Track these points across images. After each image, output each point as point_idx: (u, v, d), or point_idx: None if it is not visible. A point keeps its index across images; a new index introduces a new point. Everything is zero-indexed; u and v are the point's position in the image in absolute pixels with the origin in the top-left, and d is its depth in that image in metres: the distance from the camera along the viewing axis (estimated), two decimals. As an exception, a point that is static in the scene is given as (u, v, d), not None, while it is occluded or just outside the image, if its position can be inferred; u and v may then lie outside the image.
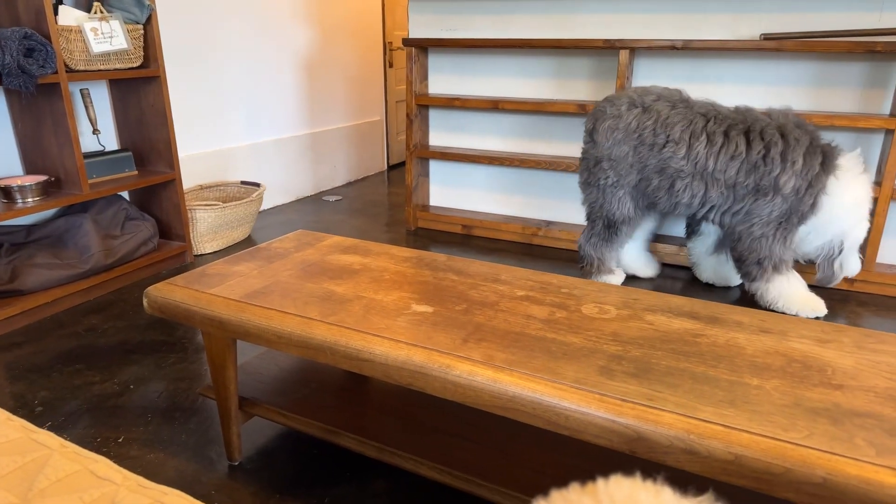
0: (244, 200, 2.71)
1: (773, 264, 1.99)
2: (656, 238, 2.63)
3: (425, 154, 2.92)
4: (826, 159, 1.88)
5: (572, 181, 2.81)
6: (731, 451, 0.76)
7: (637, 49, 2.41)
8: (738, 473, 0.76)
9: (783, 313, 1.60)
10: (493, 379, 0.91)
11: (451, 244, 2.79)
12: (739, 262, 2.06)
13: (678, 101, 2.01)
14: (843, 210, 1.91)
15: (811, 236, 2.00)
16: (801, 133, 1.89)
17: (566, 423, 0.86)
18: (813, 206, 1.90)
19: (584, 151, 2.17)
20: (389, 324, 1.05)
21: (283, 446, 1.38)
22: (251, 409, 1.29)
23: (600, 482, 0.41)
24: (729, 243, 2.09)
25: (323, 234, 1.56)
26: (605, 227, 2.17)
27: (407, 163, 2.94)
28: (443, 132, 3.04)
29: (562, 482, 1.03)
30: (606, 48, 2.40)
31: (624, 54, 2.37)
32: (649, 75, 2.54)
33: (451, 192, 3.11)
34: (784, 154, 1.87)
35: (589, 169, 2.15)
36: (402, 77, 4.50)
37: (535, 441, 1.17)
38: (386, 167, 4.50)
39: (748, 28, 2.35)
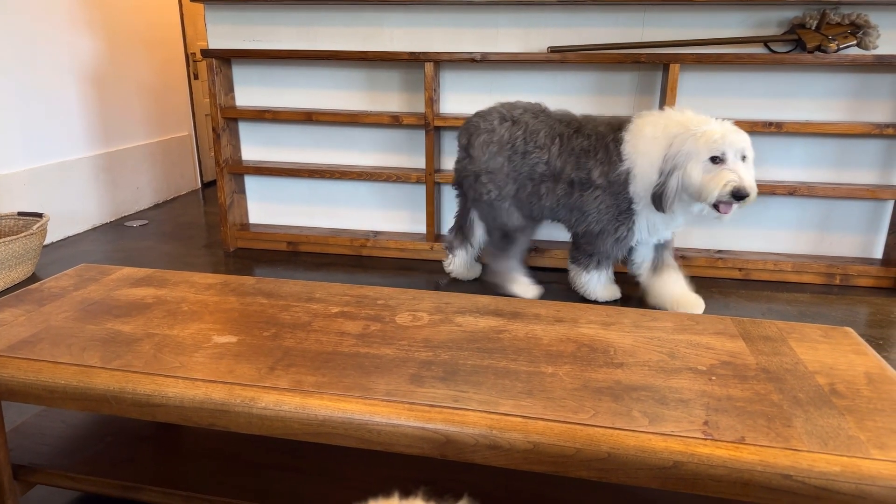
0: (22, 235, 2.35)
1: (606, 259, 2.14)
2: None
3: (238, 169, 2.77)
4: (621, 125, 2.01)
5: (396, 191, 2.84)
6: (530, 440, 0.81)
7: (441, 62, 2.51)
8: (538, 461, 0.81)
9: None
10: (300, 405, 0.87)
11: (275, 263, 2.68)
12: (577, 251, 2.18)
13: (540, 112, 2.13)
14: (645, 143, 1.92)
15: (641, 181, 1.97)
16: (608, 128, 2.03)
17: (378, 438, 0.85)
18: (619, 161, 1.96)
19: (460, 167, 2.21)
20: (185, 361, 0.97)
21: (80, 513, 1.21)
22: (30, 476, 1.11)
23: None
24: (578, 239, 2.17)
25: (111, 266, 1.40)
26: (502, 237, 2.21)
27: (218, 180, 2.76)
28: (256, 146, 2.90)
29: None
30: (412, 60, 2.47)
31: (429, 67, 2.46)
32: (455, 87, 2.65)
33: (272, 208, 2.98)
34: (594, 149, 2.02)
35: (470, 185, 2.18)
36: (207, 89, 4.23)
37: (365, 458, 1.15)
38: (200, 185, 4.20)
39: (537, 42, 2.56)
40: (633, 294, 2.36)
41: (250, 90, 2.83)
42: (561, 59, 2.37)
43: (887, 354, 1.92)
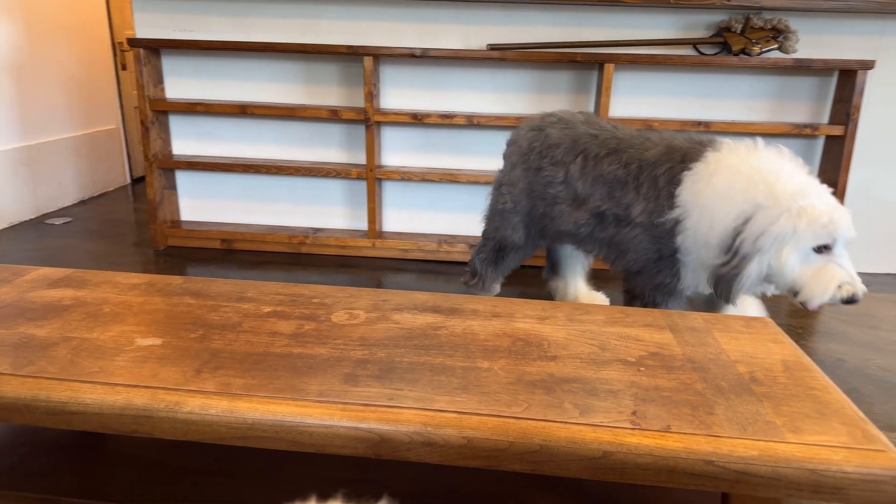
0: (-73, 233, 2.18)
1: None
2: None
3: (169, 164, 2.66)
4: (683, 156, 1.56)
5: (336, 186, 2.80)
6: (464, 436, 0.81)
7: (381, 56, 2.48)
8: (472, 455, 0.81)
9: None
10: (228, 409, 0.84)
11: (209, 262, 2.59)
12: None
13: (578, 122, 1.81)
14: (711, 196, 1.47)
15: (693, 241, 1.54)
16: (662, 156, 1.59)
17: (310, 440, 0.83)
18: (670, 203, 1.55)
19: (497, 175, 2.03)
20: (105, 365, 0.92)
21: (-9, 530, 1.13)
22: (-67, 495, 1.03)
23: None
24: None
25: (26, 266, 1.31)
26: (495, 249, 2.02)
27: (147, 175, 2.64)
28: (189, 140, 2.79)
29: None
30: (351, 54, 2.43)
31: (368, 61, 2.43)
32: (395, 82, 2.63)
33: (205, 204, 2.88)
34: (634, 181, 1.62)
35: (495, 191, 2.01)
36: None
37: (299, 459, 1.13)
38: (129, 180, 4.01)
39: (477, 39, 2.57)
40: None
41: (181, 82, 2.72)
42: (500, 56, 2.39)
43: (805, 343, 2.04)
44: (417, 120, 2.48)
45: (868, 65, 2.32)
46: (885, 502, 0.75)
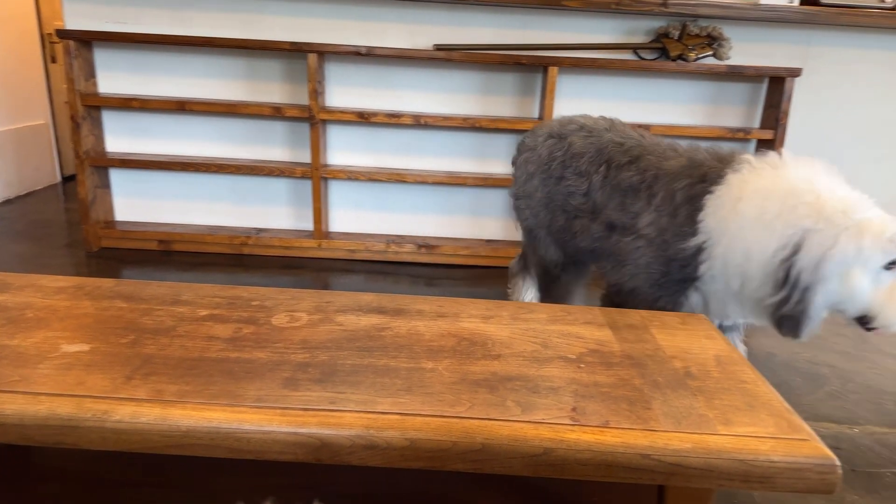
0: None
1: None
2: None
3: (101, 162, 2.54)
4: (704, 174, 1.39)
5: (280, 186, 2.74)
6: (407, 437, 0.80)
7: (325, 53, 2.44)
8: (415, 457, 0.80)
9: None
10: (161, 417, 0.81)
11: (145, 264, 2.49)
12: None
13: (601, 130, 1.66)
14: (742, 225, 1.30)
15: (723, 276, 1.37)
16: (683, 169, 1.43)
17: (248, 447, 0.81)
18: (691, 228, 1.37)
19: (511, 187, 1.88)
20: (27, 374, 0.87)
21: None
22: None
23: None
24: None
25: (-61, 270, 1.23)
26: (542, 274, 1.82)
27: (78, 173, 2.52)
28: (123, 137, 2.68)
29: (262, 505, 0.98)
30: (295, 51, 2.39)
31: (312, 58, 2.39)
32: (340, 80, 2.60)
33: (141, 204, 2.77)
34: (648, 189, 1.47)
35: (514, 207, 1.85)
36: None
37: (239, 467, 1.09)
38: (59, 179, 3.81)
39: (424, 39, 2.57)
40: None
41: (115, 76, 2.60)
42: (446, 56, 2.39)
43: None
44: (364, 119, 2.46)
45: (795, 72, 2.44)
46: (808, 488, 0.79)
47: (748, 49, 2.59)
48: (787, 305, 1.24)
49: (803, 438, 0.81)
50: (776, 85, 2.53)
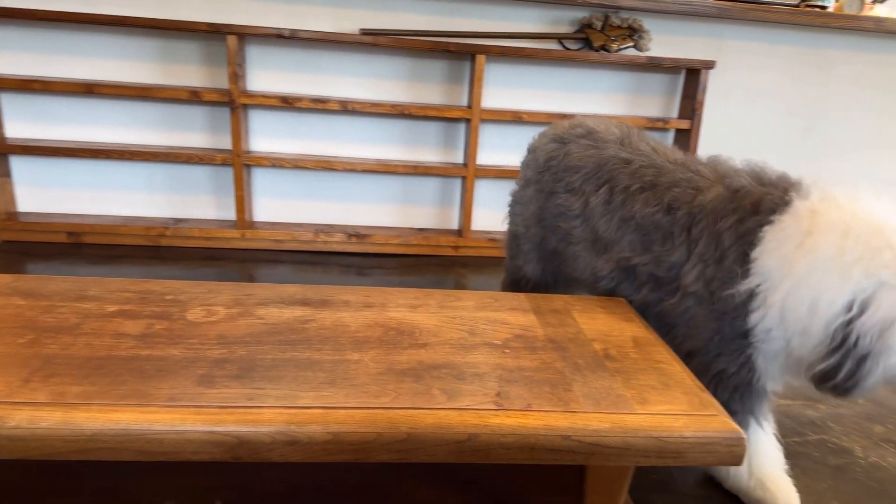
0: None
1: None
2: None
3: (0, 149, 2.35)
4: (758, 205, 1.11)
5: (200, 174, 2.62)
6: (330, 431, 0.78)
7: (246, 35, 2.35)
8: (338, 450, 0.79)
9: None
10: (63, 421, 0.75)
11: (52, 258, 2.32)
12: None
13: (611, 141, 1.39)
14: (809, 267, 1.02)
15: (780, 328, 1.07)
16: (726, 203, 1.14)
17: (160, 448, 0.77)
18: (741, 268, 1.10)
19: (513, 188, 1.66)
20: None
21: None
22: None
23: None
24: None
25: None
26: (511, 283, 1.65)
27: (-28, 161, 2.32)
28: (24, 122, 2.48)
29: (180, 508, 0.94)
30: (213, 32, 2.28)
31: (232, 40, 2.29)
32: (263, 63, 2.51)
33: (47, 193, 2.58)
34: (684, 233, 1.18)
35: (510, 209, 1.64)
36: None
37: (155, 468, 1.04)
38: (-48, 168, 3.49)
39: (350, 23, 2.51)
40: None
41: (13, 56, 2.40)
42: (373, 42, 2.35)
43: (658, 318, 2.22)
44: (288, 104, 2.38)
45: (709, 64, 2.56)
46: (718, 461, 0.84)
47: (667, 41, 2.69)
48: (836, 376, 0.99)
49: (713, 414, 0.85)
50: (692, 76, 2.64)
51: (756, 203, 1.11)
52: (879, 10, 2.76)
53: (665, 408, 0.86)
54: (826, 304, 0.99)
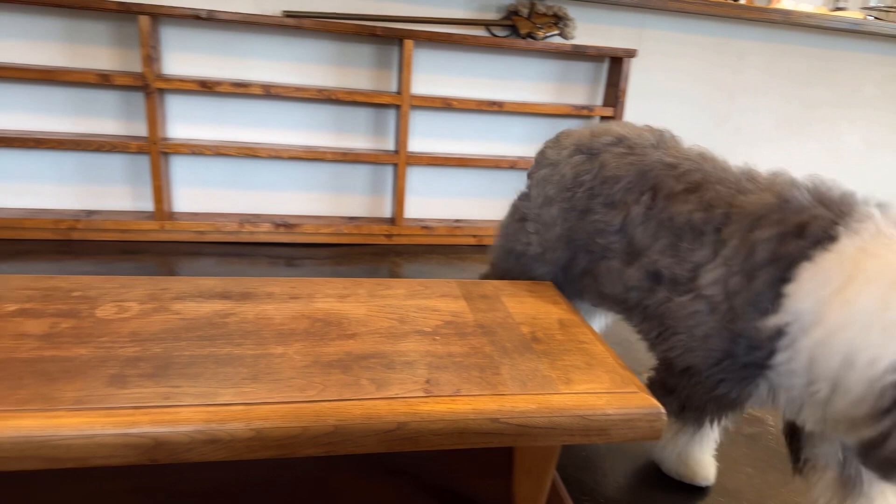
0: None
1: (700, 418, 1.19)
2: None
3: None
4: (804, 228, 0.99)
5: (113, 162, 2.47)
6: (252, 428, 0.76)
7: (160, 16, 2.22)
8: (262, 447, 0.76)
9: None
10: (-49, 431, 0.69)
11: (-54, 254, 2.13)
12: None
13: (648, 146, 1.27)
14: (863, 313, 0.89)
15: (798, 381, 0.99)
16: (771, 223, 1.02)
17: (68, 454, 0.72)
18: (772, 299, 0.99)
19: (517, 204, 1.47)
20: None
21: None
22: None
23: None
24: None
25: None
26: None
27: None
28: None
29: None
30: (123, 12, 2.14)
31: (144, 20, 2.16)
32: (180, 46, 2.38)
33: (-62, 186, 2.37)
34: (715, 233, 1.09)
35: (512, 224, 1.44)
36: None
37: (68, 473, 0.98)
38: None
39: (271, 4, 2.42)
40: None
41: None
42: (296, 24, 2.27)
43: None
44: (207, 88, 2.28)
45: (631, 53, 2.63)
46: (640, 436, 0.87)
47: (591, 30, 2.75)
48: (885, 445, 0.87)
49: (633, 391, 0.88)
50: (615, 65, 2.71)
51: (803, 225, 0.99)
52: (786, 3, 2.92)
53: (589, 386, 0.88)
54: (867, 361, 0.88)
